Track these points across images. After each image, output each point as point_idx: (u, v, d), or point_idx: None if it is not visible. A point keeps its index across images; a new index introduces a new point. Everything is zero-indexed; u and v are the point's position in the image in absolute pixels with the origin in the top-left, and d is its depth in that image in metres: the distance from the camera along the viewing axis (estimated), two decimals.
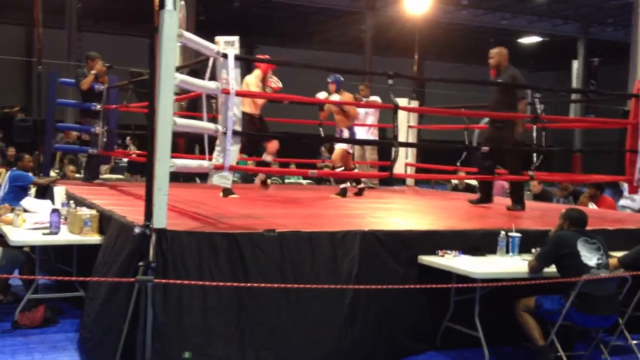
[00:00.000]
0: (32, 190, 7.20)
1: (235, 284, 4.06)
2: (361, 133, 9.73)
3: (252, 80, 7.27)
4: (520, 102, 6.53)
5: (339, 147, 7.88)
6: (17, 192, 6.89)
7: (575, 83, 27.14)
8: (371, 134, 9.71)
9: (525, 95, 6.65)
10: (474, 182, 12.10)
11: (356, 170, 10.12)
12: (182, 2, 15.02)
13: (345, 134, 7.85)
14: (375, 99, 9.48)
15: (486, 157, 6.66)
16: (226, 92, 5.10)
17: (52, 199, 6.56)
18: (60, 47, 19.25)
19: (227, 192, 6.82)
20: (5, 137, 15.59)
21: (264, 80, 7.33)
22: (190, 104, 11.07)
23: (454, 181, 11.62)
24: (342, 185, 7.87)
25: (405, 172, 9.47)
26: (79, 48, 20.01)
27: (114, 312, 4.11)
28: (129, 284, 3.86)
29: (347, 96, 7.80)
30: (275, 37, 27.81)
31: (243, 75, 6.64)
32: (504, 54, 6.75)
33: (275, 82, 7.38)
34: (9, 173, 7.23)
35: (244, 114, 6.40)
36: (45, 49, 9.56)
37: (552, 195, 9.84)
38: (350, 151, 8.20)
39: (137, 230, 4.01)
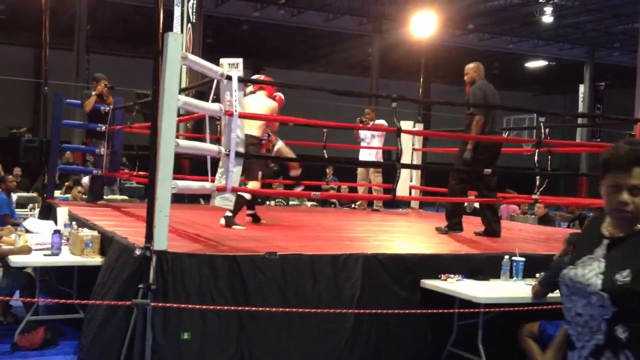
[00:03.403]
0: (36, 210, 7.20)
1: (234, 308, 4.02)
2: (367, 155, 9.75)
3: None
4: (472, 119, 6.11)
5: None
6: None
7: (581, 107, 27.19)
8: (376, 157, 9.72)
9: (477, 112, 6.10)
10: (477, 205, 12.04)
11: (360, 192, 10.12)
12: (189, 25, 15.18)
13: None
14: (381, 122, 9.50)
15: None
16: (229, 114, 5.10)
17: (55, 220, 6.56)
18: (68, 69, 19.44)
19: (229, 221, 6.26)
20: (12, 157, 15.65)
21: None
22: (196, 125, 11.14)
23: None
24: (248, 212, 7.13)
25: (410, 194, 9.44)
26: (87, 69, 20.21)
27: (112, 334, 4.08)
28: (128, 305, 3.84)
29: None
30: (282, 59, 28.03)
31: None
32: (477, 69, 6.37)
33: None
34: None
35: (252, 137, 6.25)
36: (53, 70, 9.63)
37: (554, 219, 9.77)
38: None
39: (137, 251, 3.99)
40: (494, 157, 6.35)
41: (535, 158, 6.32)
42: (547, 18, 22.79)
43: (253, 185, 6.40)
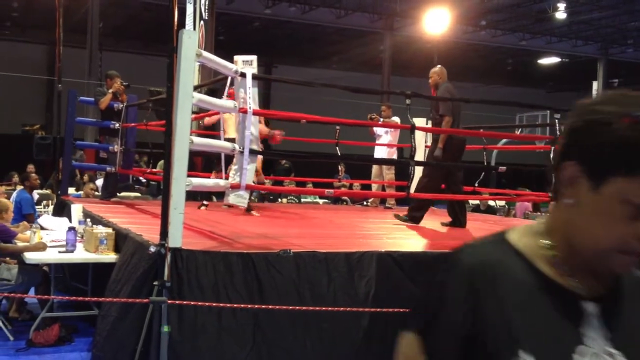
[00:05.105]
0: (50, 207, 7.23)
1: (250, 306, 4.02)
2: (380, 152, 9.71)
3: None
4: (442, 119, 6.49)
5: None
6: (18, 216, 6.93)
7: None
8: (388, 154, 9.68)
9: (447, 113, 6.45)
10: (491, 203, 11.97)
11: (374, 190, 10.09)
12: (202, 22, 15.19)
13: None
14: (396, 119, 9.47)
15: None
16: (243, 111, 5.09)
17: (69, 217, 6.58)
18: (81, 66, 19.51)
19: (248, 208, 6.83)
20: (26, 154, 15.73)
21: None
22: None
23: (473, 201, 11.51)
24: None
25: None
26: (99, 67, 20.27)
27: (126, 331, 4.09)
28: (142, 302, 3.84)
29: None
30: (294, 56, 28.00)
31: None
32: (440, 73, 6.81)
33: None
34: (17, 192, 7.25)
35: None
36: (66, 67, 9.67)
37: None
38: None
39: (152, 249, 3.99)
40: (460, 153, 6.71)
41: (551, 155, 6.29)
42: (561, 14, 22.62)
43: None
